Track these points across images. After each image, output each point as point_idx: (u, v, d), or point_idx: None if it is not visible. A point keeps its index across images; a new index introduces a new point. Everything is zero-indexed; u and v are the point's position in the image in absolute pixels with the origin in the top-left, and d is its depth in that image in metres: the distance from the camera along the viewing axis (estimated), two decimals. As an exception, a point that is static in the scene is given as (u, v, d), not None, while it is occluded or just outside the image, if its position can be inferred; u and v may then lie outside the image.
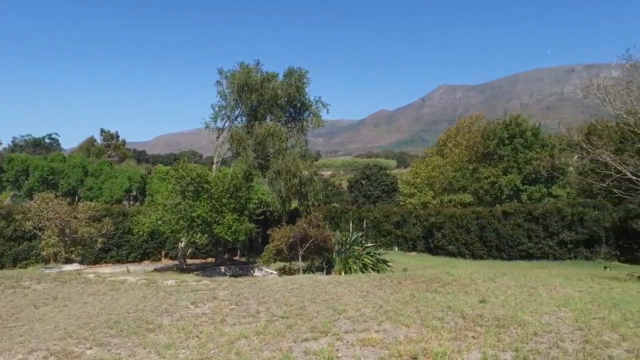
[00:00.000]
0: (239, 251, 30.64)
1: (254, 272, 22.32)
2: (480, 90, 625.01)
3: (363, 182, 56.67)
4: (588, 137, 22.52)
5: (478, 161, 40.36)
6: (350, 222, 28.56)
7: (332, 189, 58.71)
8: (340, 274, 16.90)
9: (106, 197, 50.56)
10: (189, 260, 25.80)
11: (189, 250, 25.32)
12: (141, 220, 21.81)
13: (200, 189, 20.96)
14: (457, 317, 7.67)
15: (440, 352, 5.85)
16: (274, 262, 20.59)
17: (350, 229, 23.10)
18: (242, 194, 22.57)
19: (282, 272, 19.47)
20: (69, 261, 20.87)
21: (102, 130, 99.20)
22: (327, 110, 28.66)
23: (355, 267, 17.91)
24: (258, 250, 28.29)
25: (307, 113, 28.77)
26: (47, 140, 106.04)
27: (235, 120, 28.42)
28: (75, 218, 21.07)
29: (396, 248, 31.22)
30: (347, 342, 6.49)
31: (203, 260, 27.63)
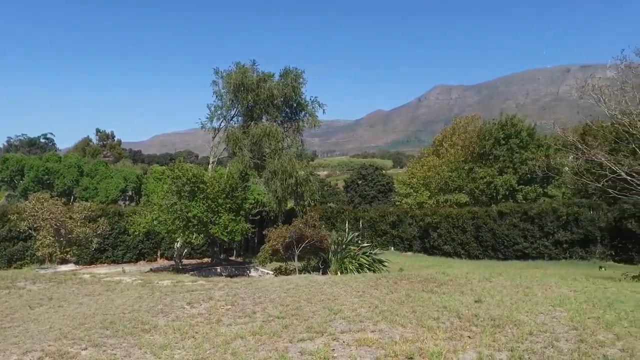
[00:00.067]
0: (235, 251, 30.64)
1: (250, 272, 22.31)
2: (476, 90, 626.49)
3: (359, 182, 56.71)
4: (583, 137, 22.63)
5: (474, 161, 40.46)
6: (347, 222, 28.56)
7: (328, 189, 58.71)
8: (337, 274, 16.90)
9: (102, 197, 50.45)
10: (185, 261, 25.78)
11: (185, 250, 25.29)
12: (137, 221, 21.77)
13: (196, 189, 20.93)
14: (452, 317, 7.68)
15: (436, 352, 5.85)
16: (270, 262, 20.58)
17: (346, 229, 23.09)
18: (238, 194, 22.55)
19: (278, 272, 19.47)
20: (64, 261, 20.81)
21: (97, 130, 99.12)
22: (323, 110, 28.75)
23: (351, 267, 17.92)
24: (254, 250, 28.27)
25: (303, 113, 28.80)
26: (42, 140, 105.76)
27: (231, 120, 28.46)
28: (70, 218, 21.00)
29: (392, 248, 31.25)
30: (343, 342, 6.49)
31: (199, 260, 27.60)
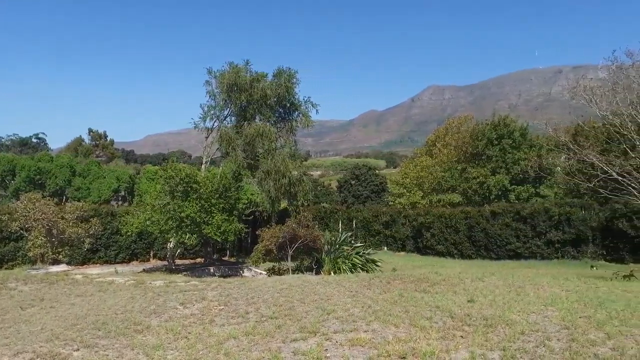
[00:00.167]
0: (228, 251, 30.58)
1: (243, 273, 22.27)
2: (469, 90, 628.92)
3: (352, 182, 56.79)
4: (575, 137, 22.78)
5: (467, 161, 40.58)
6: (340, 222, 28.58)
7: (322, 189, 58.79)
8: (330, 274, 16.91)
9: (94, 197, 50.24)
10: (178, 261, 25.70)
11: (178, 250, 25.21)
12: (129, 221, 21.67)
13: (189, 189, 20.87)
14: (445, 316, 7.71)
15: (428, 351, 5.88)
16: (263, 263, 20.55)
17: (339, 229, 23.11)
18: (231, 194, 22.50)
19: (272, 272, 19.44)
20: (56, 262, 20.67)
21: (90, 130, 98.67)
22: (317, 111, 28.74)
23: (344, 267, 17.94)
24: (247, 250, 28.23)
25: (296, 113, 28.79)
26: (34, 140, 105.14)
27: (224, 120, 28.40)
28: (62, 218, 20.87)
29: (385, 248, 31.30)
30: (336, 342, 6.50)
31: (192, 260, 27.53)
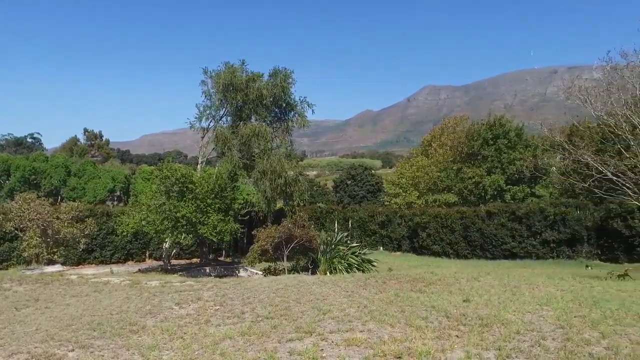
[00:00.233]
0: (224, 251, 30.53)
1: (239, 273, 22.25)
2: (465, 91, 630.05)
3: (348, 182, 56.80)
4: (570, 137, 22.83)
5: (462, 161, 40.67)
6: (336, 222, 28.57)
7: (318, 189, 58.69)
8: (326, 274, 16.91)
9: (89, 197, 50.02)
10: (174, 261, 25.65)
11: (174, 250, 25.17)
12: (125, 221, 21.62)
13: (184, 189, 20.84)
14: (441, 316, 7.73)
15: (424, 351, 5.89)
16: (259, 263, 20.53)
17: (335, 229, 23.12)
18: (227, 194, 22.47)
19: (267, 272, 19.42)
20: (51, 262, 20.57)
21: (85, 130, 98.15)
22: (313, 111, 28.72)
23: (340, 267, 17.94)
24: (243, 250, 28.19)
25: (292, 113, 28.78)
26: (29, 140, 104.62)
27: (220, 120, 28.35)
28: (57, 219, 20.78)
29: (381, 248, 31.33)
30: (332, 342, 6.50)
31: (188, 260, 27.48)
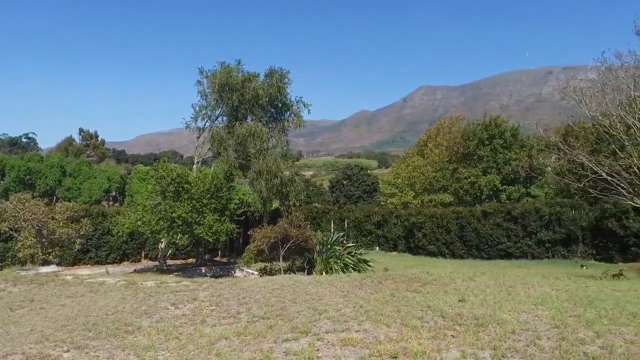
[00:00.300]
0: (219, 252, 30.51)
1: (234, 273, 22.24)
2: (461, 91, 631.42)
3: (344, 182, 56.82)
4: (565, 138, 22.92)
5: (458, 161, 40.73)
6: (332, 222, 28.56)
7: (314, 189, 58.73)
8: (322, 274, 16.91)
9: (85, 197, 49.92)
10: (169, 261, 25.61)
11: (169, 251, 25.13)
12: (120, 221, 21.58)
13: (180, 189, 20.81)
14: (436, 316, 7.74)
15: (420, 351, 5.90)
16: (254, 263, 20.52)
17: (331, 229, 23.11)
18: (223, 194, 22.46)
19: (263, 272, 19.42)
20: (46, 263, 20.51)
21: (80, 130, 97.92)
22: (309, 111, 28.71)
23: (336, 267, 17.94)
24: (239, 250, 28.18)
25: (288, 113, 28.75)
26: (23, 140, 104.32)
27: (216, 120, 28.31)
28: (52, 219, 20.72)
29: (377, 248, 31.35)
30: (328, 342, 6.51)
31: (183, 260, 27.45)
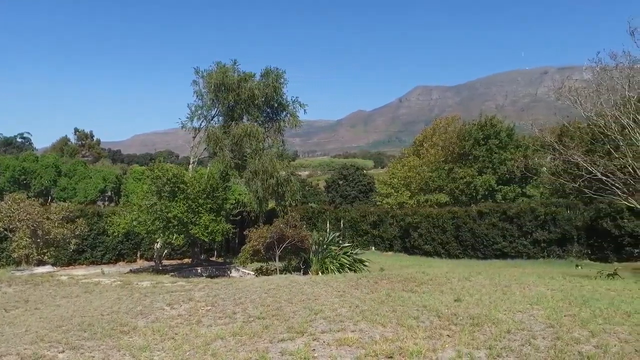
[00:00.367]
0: (215, 252, 30.47)
1: (230, 273, 22.22)
2: (456, 91, 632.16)
3: (340, 182, 56.84)
4: (560, 138, 23.00)
5: (454, 161, 40.81)
6: (328, 222, 28.64)
7: (310, 189, 58.66)
8: (317, 274, 16.92)
9: (80, 197, 49.72)
10: (165, 261, 25.56)
11: (165, 251, 25.08)
12: (116, 221, 21.54)
13: (176, 189, 20.78)
14: (432, 316, 7.76)
15: (415, 350, 5.91)
16: (250, 263, 20.50)
17: (327, 229, 23.17)
18: (218, 195, 22.44)
19: (259, 272, 19.41)
20: (41, 263, 20.43)
21: (76, 130, 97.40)
22: (305, 111, 28.73)
23: (332, 267, 17.95)
24: (235, 250, 28.14)
25: (284, 113, 28.77)
26: (18, 140, 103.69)
27: (212, 120, 28.29)
28: (48, 219, 20.64)
29: (373, 248, 31.40)
30: (324, 342, 6.51)
31: (179, 261, 27.40)
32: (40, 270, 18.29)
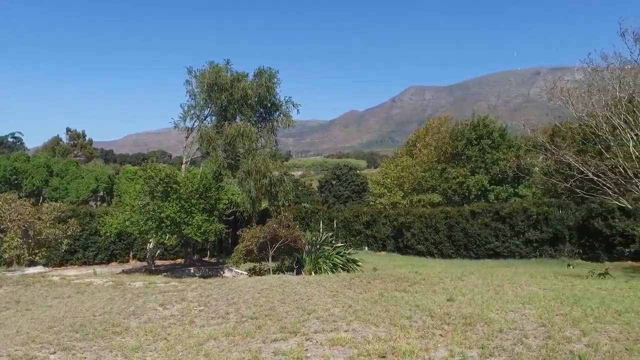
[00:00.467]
0: (208, 252, 30.42)
1: (223, 273, 22.19)
2: (449, 91, 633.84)
3: (333, 182, 56.84)
4: (552, 138, 23.16)
5: (446, 161, 40.91)
6: (321, 222, 28.65)
7: (303, 189, 58.63)
8: (310, 274, 16.93)
9: (72, 197, 49.47)
10: (158, 262, 25.48)
11: (158, 251, 25.00)
12: (108, 221, 21.45)
13: (169, 189, 20.72)
14: (425, 315, 7.78)
15: (408, 350, 5.93)
16: (243, 263, 20.48)
17: (320, 229, 23.19)
18: (211, 194, 22.40)
19: (252, 272, 19.39)
20: (32, 263, 20.32)
21: (68, 129, 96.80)
22: (298, 111, 28.66)
23: (325, 267, 17.97)
24: (228, 250, 28.10)
25: (277, 113, 28.72)
26: (10, 139, 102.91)
27: (204, 120, 28.19)
28: (39, 219, 20.52)
29: (366, 248, 31.44)
30: (316, 342, 6.52)
31: (172, 261, 27.33)
32: (31, 270, 18.19)
